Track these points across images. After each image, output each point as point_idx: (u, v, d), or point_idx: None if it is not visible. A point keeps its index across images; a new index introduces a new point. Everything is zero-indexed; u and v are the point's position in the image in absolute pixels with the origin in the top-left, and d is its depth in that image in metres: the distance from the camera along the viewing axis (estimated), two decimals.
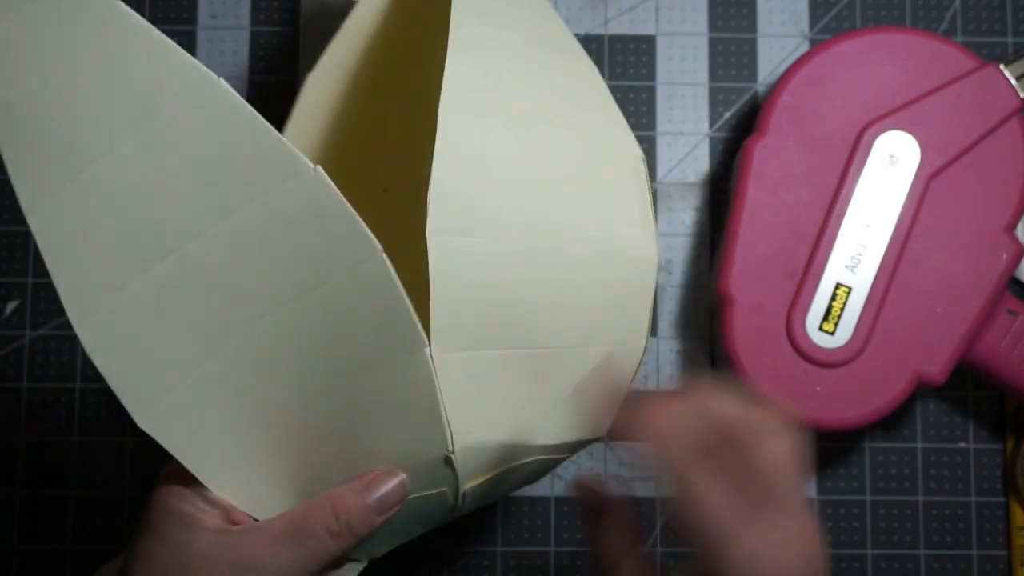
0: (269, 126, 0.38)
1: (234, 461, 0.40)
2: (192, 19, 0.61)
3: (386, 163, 0.54)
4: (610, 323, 0.44)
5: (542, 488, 0.58)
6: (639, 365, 0.46)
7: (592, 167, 0.44)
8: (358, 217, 0.37)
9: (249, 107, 0.38)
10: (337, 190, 0.37)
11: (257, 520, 0.40)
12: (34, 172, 0.38)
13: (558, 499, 0.59)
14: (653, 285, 0.45)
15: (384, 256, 0.37)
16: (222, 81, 0.38)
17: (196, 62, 0.37)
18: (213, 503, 0.40)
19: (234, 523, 0.40)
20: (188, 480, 0.40)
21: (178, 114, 0.37)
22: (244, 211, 0.37)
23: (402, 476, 0.41)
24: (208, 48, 0.61)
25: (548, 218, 0.41)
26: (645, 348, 0.46)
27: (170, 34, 0.60)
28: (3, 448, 0.58)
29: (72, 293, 0.38)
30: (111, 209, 0.38)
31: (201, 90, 0.38)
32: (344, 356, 0.39)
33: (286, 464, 0.40)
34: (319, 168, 0.37)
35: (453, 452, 0.40)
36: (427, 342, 0.38)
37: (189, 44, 0.61)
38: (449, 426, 0.39)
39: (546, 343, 0.42)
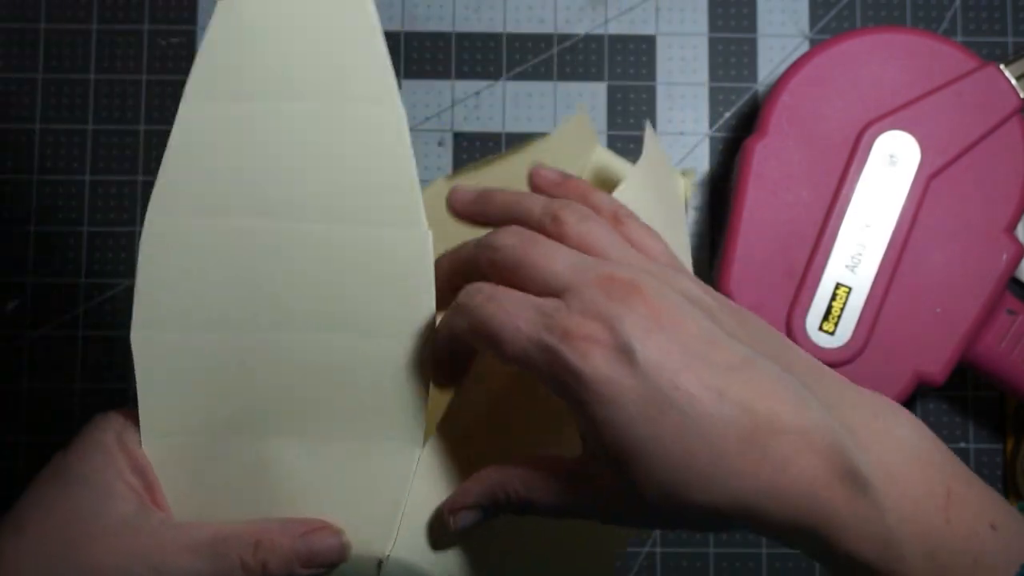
0: (414, 169, 0.38)
1: (180, 377, 0.38)
2: (192, 19, 0.61)
3: None
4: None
5: None
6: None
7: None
8: (433, 288, 0.38)
9: (409, 147, 0.38)
10: (432, 255, 0.38)
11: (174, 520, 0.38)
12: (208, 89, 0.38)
13: None
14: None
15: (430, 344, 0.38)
16: (403, 109, 0.38)
17: (389, 68, 0.38)
18: (142, 472, 0.38)
19: (155, 506, 0.38)
20: (128, 435, 0.38)
21: (352, 109, 0.37)
22: (347, 226, 0.37)
23: (345, 540, 0.38)
24: None
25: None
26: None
27: (170, 34, 0.60)
28: (3, 448, 0.58)
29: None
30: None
31: (383, 102, 0.38)
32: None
33: (230, 405, 0.39)
34: (430, 231, 0.38)
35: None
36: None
37: (189, 44, 0.61)
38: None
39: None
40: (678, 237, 0.47)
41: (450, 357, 0.38)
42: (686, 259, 0.47)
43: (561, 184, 0.41)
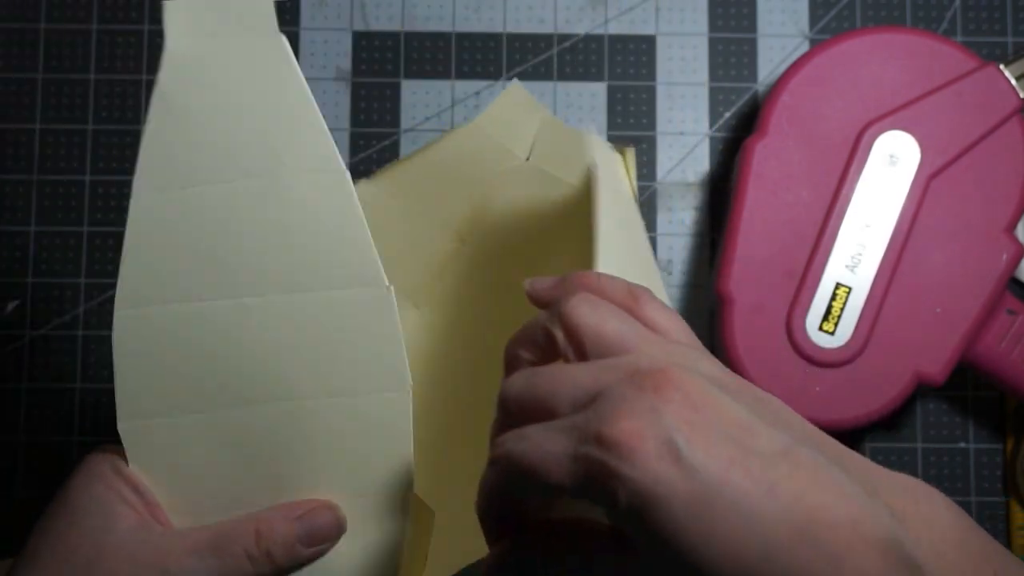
0: (367, 232, 0.39)
1: (174, 458, 0.40)
2: None
3: (462, 212, 0.54)
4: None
5: None
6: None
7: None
8: (404, 348, 0.39)
9: (359, 208, 0.39)
10: (396, 315, 0.39)
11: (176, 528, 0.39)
12: (154, 171, 0.39)
13: None
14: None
15: (408, 397, 0.39)
16: (346, 170, 0.39)
17: (328, 144, 0.39)
18: (140, 493, 0.39)
19: (157, 522, 0.39)
20: (120, 463, 0.39)
21: (295, 180, 0.38)
22: (309, 294, 0.38)
23: (339, 511, 0.39)
24: None
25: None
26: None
27: None
28: (3, 448, 0.58)
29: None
30: (192, 233, 0.39)
31: (325, 169, 0.38)
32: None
33: (223, 476, 0.40)
34: (392, 288, 0.38)
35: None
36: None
37: None
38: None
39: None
40: (639, 236, 0.47)
41: (500, 517, 0.34)
42: (647, 255, 0.46)
43: (560, 284, 0.37)
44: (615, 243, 0.42)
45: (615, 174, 0.47)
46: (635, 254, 0.46)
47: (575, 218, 0.52)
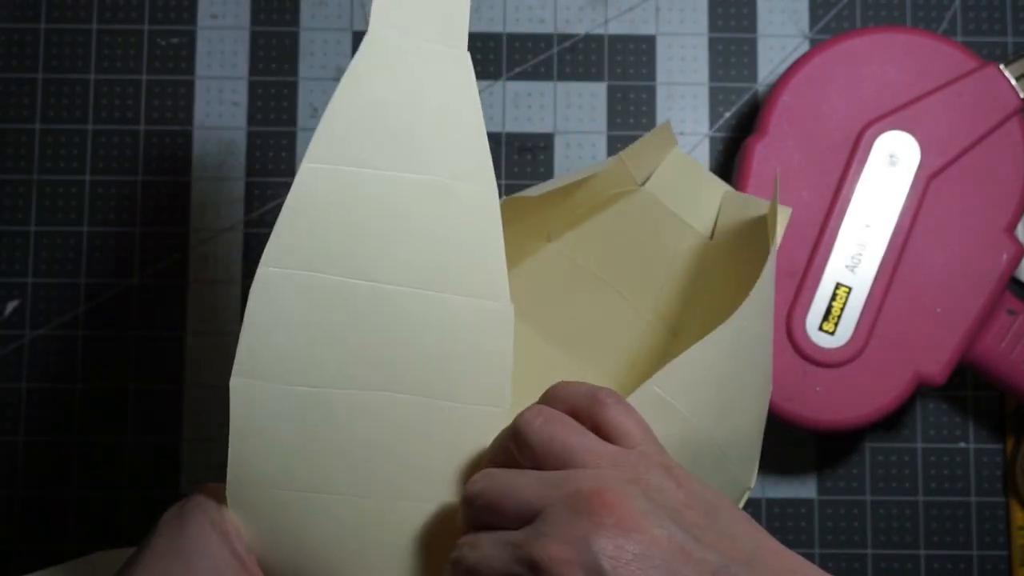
0: (502, 248, 0.40)
1: (277, 525, 0.40)
2: (192, 19, 0.61)
3: (556, 215, 0.56)
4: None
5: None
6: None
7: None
8: (509, 368, 0.40)
9: (500, 226, 0.40)
10: (511, 329, 0.40)
11: None
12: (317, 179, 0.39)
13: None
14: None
15: (506, 416, 0.39)
16: (495, 188, 0.40)
17: (488, 160, 0.40)
18: (241, 559, 0.39)
19: None
20: (225, 518, 0.39)
21: (452, 185, 0.40)
22: (435, 296, 0.39)
23: None
24: (208, 48, 0.61)
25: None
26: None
27: (170, 34, 0.60)
28: (3, 448, 0.58)
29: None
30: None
31: (480, 182, 0.40)
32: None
33: (319, 533, 0.40)
34: (511, 305, 0.40)
35: None
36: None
37: (189, 44, 0.61)
38: None
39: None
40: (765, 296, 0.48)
41: None
42: (767, 319, 0.47)
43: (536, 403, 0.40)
44: (759, 305, 0.44)
45: (769, 237, 0.49)
46: (764, 319, 0.47)
47: (679, 250, 0.54)
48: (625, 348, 0.56)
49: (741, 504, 0.45)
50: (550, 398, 0.39)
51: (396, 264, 0.39)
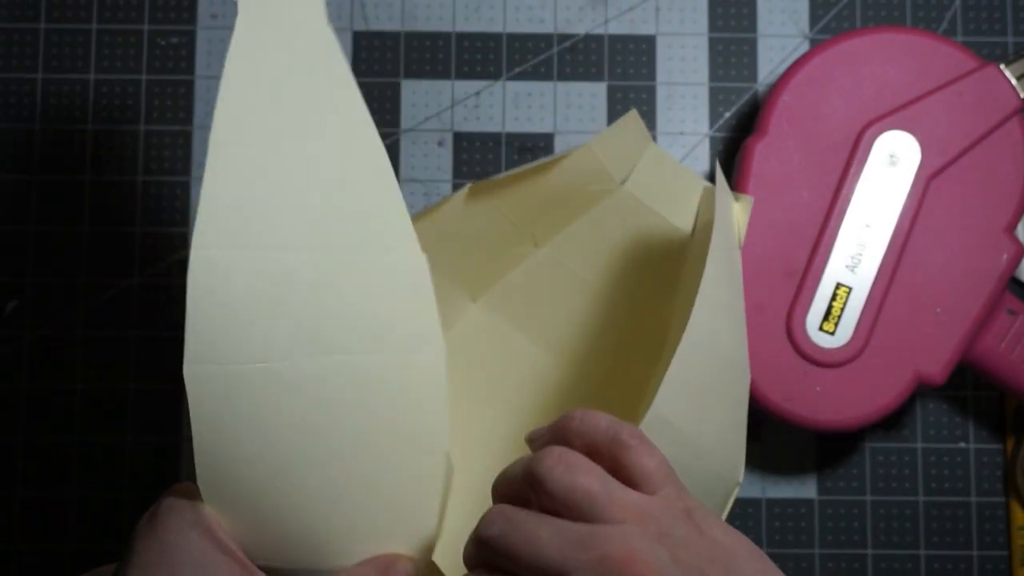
0: (399, 199, 0.40)
1: (249, 502, 0.40)
2: (192, 19, 0.61)
3: (541, 218, 0.56)
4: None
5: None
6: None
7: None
8: (436, 312, 0.40)
9: (392, 179, 0.40)
10: (428, 276, 0.40)
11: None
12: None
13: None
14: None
15: (443, 360, 0.40)
16: (381, 146, 0.41)
17: (361, 101, 0.40)
18: (229, 552, 0.39)
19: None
20: (207, 515, 0.39)
21: (353, 164, 0.40)
22: (349, 258, 0.40)
23: (412, 562, 0.40)
24: (208, 48, 0.61)
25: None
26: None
27: (170, 34, 0.60)
28: (3, 448, 0.58)
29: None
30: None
31: (355, 126, 0.41)
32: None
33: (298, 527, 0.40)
34: (422, 255, 0.40)
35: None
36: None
37: (189, 44, 0.61)
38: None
39: None
40: (736, 288, 0.48)
41: None
42: (739, 306, 0.48)
43: (550, 432, 0.39)
44: (715, 297, 0.44)
45: (729, 223, 0.49)
46: (728, 309, 0.47)
47: (663, 249, 0.55)
48: (616, 351, 0.56)
49: (731, 500, 0.45)
50: (567, 432, 0.38)
51: (312, 230, 0.39)
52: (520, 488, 0.37)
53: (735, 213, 0.51)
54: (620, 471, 0.36)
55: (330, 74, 0.40)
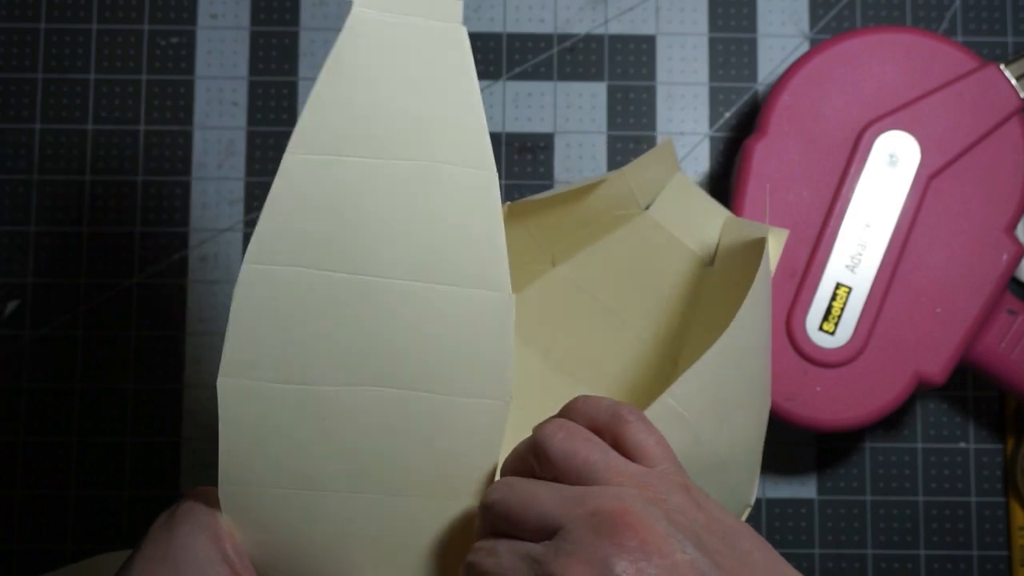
0: (503, 235, 0.38)
1: (270, 524, 0.40)
2: (192, 19, 0.61)
3: (563, 240, 0.56)
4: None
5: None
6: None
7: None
8: (510, 360, 0.39)
9: (500, 213, 0.38)
10: (511, 319, 0.38)
11: None
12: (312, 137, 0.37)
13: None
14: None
15: (507, 407, 0.39)
16: (495, 173, 0.38)
17: (487, 140, 0.38)
18: (240, 555, 0.39)
19: None
20: (220, 526, 0.39)
21: (447, 170, 0.38)
22: (433, 286, 0.38)
23: None
24: (208, 48, 0.61)
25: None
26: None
27: (170, 34, 0.60)
28: (3, 448, 0.58)
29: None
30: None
31: (478, 166, 0.38)
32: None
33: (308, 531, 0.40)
34: (511, 295, 0.38)
35: None
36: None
37: (189, 44, 0.61)
38: None
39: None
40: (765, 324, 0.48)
41: None
42: (765, 330, 0.48)
43: (556, 415, 0.40)
44: (752, 320, 0.44)
45: (766, 258, 0.49)
46: (761, 336, 0.47)
47: (680, 276, 0.55)
48: (626, 374, 0.56)
49: (743, 519, 0.45)
50: (571, 411, 0.38)
51: (383, 255, 0.38)
52: (525, 462, 0.38)
53: (766, 247, 0.51)
54: (620, 446, 0.37)
55: (453, 96, 0.38)
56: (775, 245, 0.50)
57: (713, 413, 0.42)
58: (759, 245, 0.48)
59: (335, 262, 0.37)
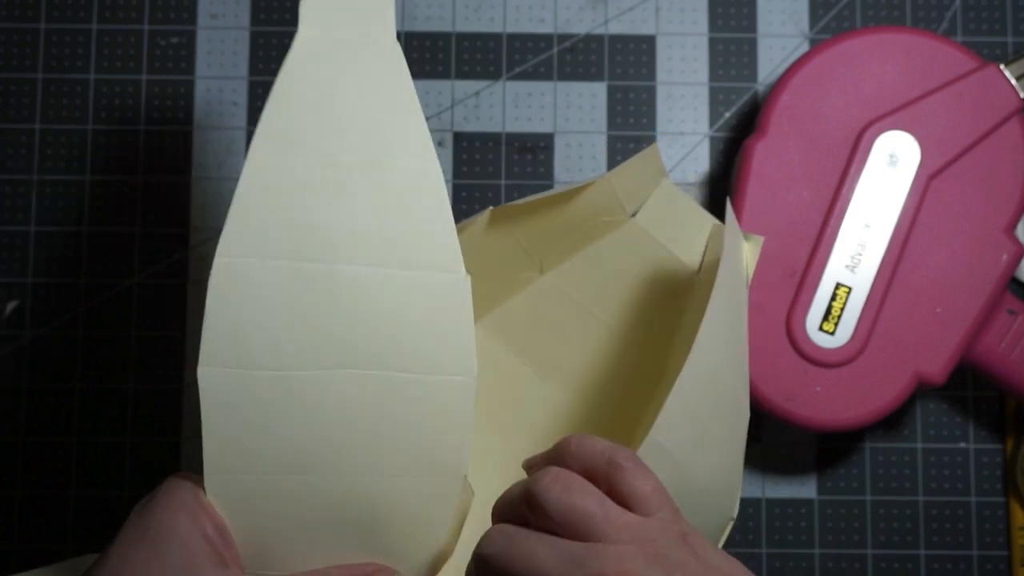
0: (451, 217, 0.41)
1: (254, 506, 0.40)
2: (192, 19, 0.61)
3: (549, 247, 0.56)
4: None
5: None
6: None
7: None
8: (471, 337, 0.40)
9: (446, 197, 0.41)
10: (469, 299, 0.40)
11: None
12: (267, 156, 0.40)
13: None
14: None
15: (474, 384, 0.40)
16: (437, 163, 0.41)
17: (426, 131, 0.41)
18: (221, 532, 0.39)
19: (232, 562, 0.39)
20: (202, 496, 0.39)
21: (395, 172, 0.41)
22: (389, 272, 0.40)
23: (396, 574, 0.40)
24: (208, 48, 0.61)
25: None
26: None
27: (170, 34, 0.60)
28: (3, 448, 0.58)
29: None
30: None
31: (421, 163, 0.41)
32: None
33: (293, 515, 0.41)
34: (468, 277, 0.40)
35: None
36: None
37: (189, 44, 0.61)
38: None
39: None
40: (740, 326, 0.49)
41: None
42: (742, 348, 0.48)
43: (548, 456, 0.40)
44: (718, 333, 0.45)
45: (738, 261, 0.49)
46: (730, 346, 0.47)
47: (668, 283, 0.55)
48: (615, 382, 0.56)
49: (726, 535, 0.45)
50: (564, 455, 0.38)
51: (347, 243, 0.40)
52: (519, 509, 0.37)
53: (744, 252, 0.51)
54: (616, 493, 0.37)
55: (390, 96, 0.41)
56: (751, 252, 0.51)
57: (692, 437, 0.43)
58: (733, 252, 0.49)
59: (301, 252, 0.39)
